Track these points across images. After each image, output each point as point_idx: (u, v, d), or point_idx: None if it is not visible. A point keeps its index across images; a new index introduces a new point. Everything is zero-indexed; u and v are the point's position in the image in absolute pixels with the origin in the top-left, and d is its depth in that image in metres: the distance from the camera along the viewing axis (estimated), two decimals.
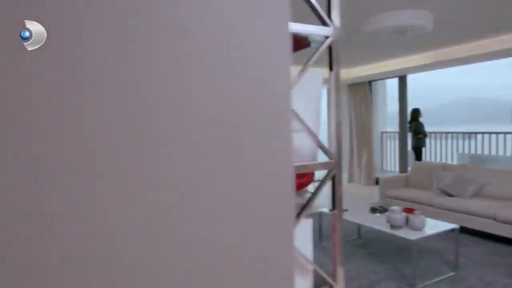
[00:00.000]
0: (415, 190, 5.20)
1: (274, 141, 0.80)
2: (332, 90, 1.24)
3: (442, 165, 5.23)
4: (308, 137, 1.20)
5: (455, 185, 4.70)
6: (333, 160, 1.22)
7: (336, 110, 1.25)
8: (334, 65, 1.22)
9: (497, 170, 4.68)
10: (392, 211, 3.26)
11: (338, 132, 1.25)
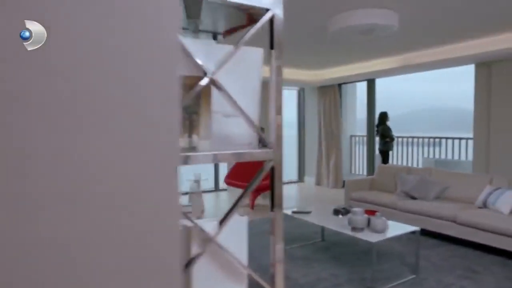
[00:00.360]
0: (380, 192, 5.19)
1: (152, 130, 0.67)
2: (273, 72, 1.10)
3: (407, 169, 5.25)
4: (245, 123, 1.06)
5: (418, 188, 4.71)
6: (272, 150, 1.08)
7: (277, 96, 1.12)
8: (275, 44, 1.08)
9: (458, 174, 4.73)
10: (354, 212, 3.18)
11: (279, 120, 1.11)
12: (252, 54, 1.09)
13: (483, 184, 4.29)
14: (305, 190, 8.29)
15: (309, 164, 8.95)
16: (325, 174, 8.39)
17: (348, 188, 5.35)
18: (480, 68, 5.63)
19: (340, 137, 8.19)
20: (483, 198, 4.11)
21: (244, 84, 1.10)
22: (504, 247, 3.58)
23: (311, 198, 7.33)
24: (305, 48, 5.54)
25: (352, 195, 5.24)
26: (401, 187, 4.95)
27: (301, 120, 9.18)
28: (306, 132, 9.08)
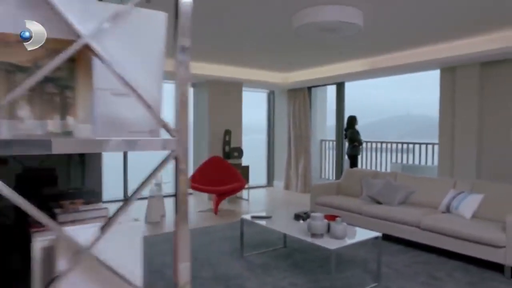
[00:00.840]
0: (346, 197, 5.07)
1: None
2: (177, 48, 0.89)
3: (373, 173, 5.16)
4: (141, 105, 0.83)
5: (384, 193, 4.61)
6: (176, 138, 0.86)
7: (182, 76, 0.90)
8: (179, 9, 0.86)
9: (423, 179, 4.67)
10: (313, 218, 3.00)
11: (184, 105, 0.89)
12: (152, 19, 0.87)
13: (447, 188, 4.23)
14: (273, 194, 8.11)
15: (278, 169, 8.80)
16: (294, 179, 8.25)
17: (313, 192, 5.20)
18: (445, 73, 5.65)
19: (309, 141, 8.08)
20: (447, 203, 4.05)
21: (142, 57, 0.87)
22: (466, 252, 3.50)
23: (279, 202, 7.15)
24: (272, 48, 5.38)
25: (318, 199, 5.09)
26: (367, 191, 4.84)
27: (270, 124, 9.02)
28: (276, 136, 8.93)
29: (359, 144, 6.99)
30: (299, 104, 8.13)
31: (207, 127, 7.19)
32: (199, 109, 7.50)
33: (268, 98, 9.02)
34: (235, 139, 7.33)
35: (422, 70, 5.99)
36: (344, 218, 4.74)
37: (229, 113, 7.39)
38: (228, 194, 6.00)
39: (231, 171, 6.18)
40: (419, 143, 7.55)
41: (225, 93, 7.33)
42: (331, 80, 7.29)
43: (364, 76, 6.78)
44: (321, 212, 5.04)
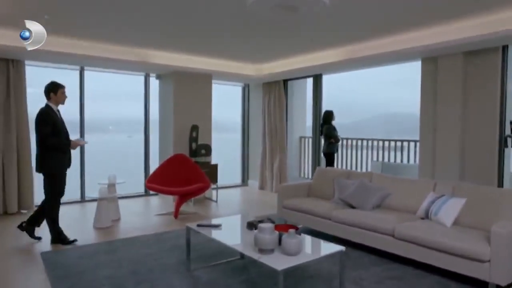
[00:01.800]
0: (317, 199, 4.56)
1: None
2: None
3: (347, 173, 4.65)
4: None
5: (356, 196, 4.11)
6: None
7: None
8: None
9: (400, 180, 4.18)
10: (261, 230, 2.47)
11: None
12: None
13: (427, 191, 3.75)
14: (246, 195, 7.57)
15: (253, 167, 8.26)
16: (269, 178, 7.73)
17: (281, 194, 4.67)
18: (426, 64, 5.17)
19: (284, 138, 7.56)
20: (425, 207, 3.56)
21: None
22: (446, 266, 3.01)
23: (250, 204, 6.61)
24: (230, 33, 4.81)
25: (285, 202, 4.57)
26: (339, 193, 4.33)
27: (245, 119, 8.47)
28: (251, 133, 8.39)
29: (335, 141, 6.48)
30: (274, 98, 7.60)
31: (172, 122, 6.60)
32: (164, 103, 6.91)
33: (243, 92, 8.47)
34: (204, 135, 6.77)
35: (402, 60, 5.49)
36: (312, 224, 4.25)
37: (197, 107, 6.81)
38: (190, 195, 5.45)
39: (195, 171, 5.62)
40: (401, 140, 7.10)
41: (193, 86, 6.75)
42: (307, 72, 6.77)
43: (342, 68, 6.26)
44: (288, 217, 4.55)
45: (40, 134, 3.70)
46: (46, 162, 3.76)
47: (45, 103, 3.87)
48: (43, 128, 3.70)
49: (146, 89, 7.01)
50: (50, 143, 3.73)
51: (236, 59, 6.61)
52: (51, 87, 3.86)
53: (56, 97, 3.86)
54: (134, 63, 5.93)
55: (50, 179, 3.82)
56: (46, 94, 3.86)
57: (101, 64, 5.95)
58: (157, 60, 6.10)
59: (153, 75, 6.97)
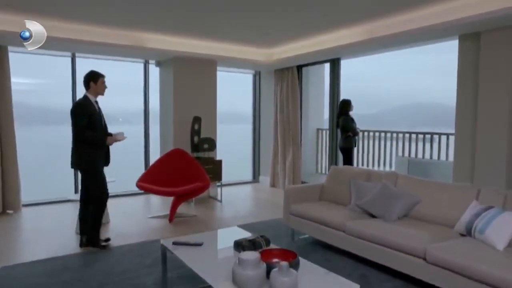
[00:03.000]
0: (330, 205, 3.84)
1: None
2: None
3: (366, 173, 3.90)
4: None
5: (378, 202, 3.37)
6: None
7: None
8: None
9: (432, 184, 3.39)
10: (242, 263, 1.79)
11: None
12: None
13: (468, 200, 2.96)
14: (256, 193, 6.90)
15: (265, 162, 7.58)
16: (281, 174, 7.03)
17: (288, 198, 3.98)
18: (465, 42, 4.30)
19: (298, 131, 6.82)
20: (467, 221, 2.78)
21: None
22: None
23: (259, 205, 5.94)
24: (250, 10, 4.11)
25: (292, 207, 3.87)
26: (356, 198, 3.60)
27: (256, 110, 7.77)
28: (262, 124, 7.69)
29: (353, 134, 5.66)
30: (287, 86, 6.85)
31: (171, 114, 5.99)
32: (165, 92, 6.29)
33: (254, 80, 7.76)
34: (207, 128, 6.13)
35: (435, 39, 4.63)
36: (323, 235, 3.54)
37: (200, 97, 6.17)
38: (187, 196, 4.84)
39: (195, 167, 4.99)
40: (430, 133, 6.21)
41: (195, 73, 6.10)
42: (323, 56, 5.99)
43: (363, 50, 5.45)
44: (295, 225, 3.85)
45: (75, 126, 3.49)
46: (81, 158, 3.55)
47: (84, 94, 3.62)
48: (78, 121, 3.47)
49: (145, 78, 6.41)
50: (85, 137, 3.48)
51: (243, 42, 5.90)
52: (90, 75, 3.60)
53: (96, 86, 3.60)
54: (130, 48, 5.32)
55: (86, 176, 3.64)
56: (85, 83, 3.61)
57: (94, 49, 5.37)
58: (156, 45, 5.47)
59: (152, 62, 6.37)
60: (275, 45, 6.12)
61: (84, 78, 3.61)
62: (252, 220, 4.76)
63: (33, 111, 10.58)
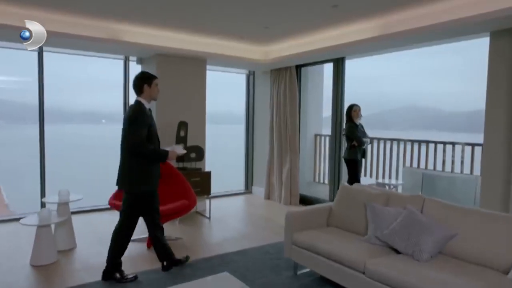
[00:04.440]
0: (341, 234, 3.17)
1: None
2: None
3: (385, 195, 3.23)
4: None
5: (404, 234, 2.72)
6: None
7: None
8: None
9: (470, 212, 2.74)
10: None
11: None
12: None
13: None
14: (249, 207, 6.22)
15: (259, 171, 6.90)
16: (277, 186, 6.35)
17: (289, 225, 3.29)
18: (498, 39, 3.69)
19: (297, 137, 6.16)
20: None
21: None
22: None
23: (253, 222, 5.24)
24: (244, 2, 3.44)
25: (296, 236, 3.19)
26: (375, 228, 2.94)
27: (249, 113, 7.08)
28: (256, 130, 7.00)
29: (358, 143, 4.94)
30: (284, 88, 6.18)
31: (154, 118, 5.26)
32: None
33: (248, 81, 7.07)
34: (195, 134, 5.43)
35: (462, 35, 4.00)
36: (335, 274, 2.82)
37: (186, 100, 5.46)
38: (169, 217, 4.12)
39: (179, 182, 4.29)
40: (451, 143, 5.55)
41: (182, 72, 5.39)
42: (326, 55, 5.33)
43: (372, 48, 4.80)
44: (300, 258, 3.14)
45: (134, 138, 2.89)
46: (139, 176, 2.98)
47: (136, 100, 3.07)
48: (138, 132, 2.90)
49: (125, 77, 5.68)
50: (145, 151, 2.93)
51: (237, 38, 5.21)
52: (144, 77, 3.09)
53: (150, 90, 3.09)
54: (107, 43, 4.60)
55: (142, 200, 3.07)
56: (137, 87, 3.07)
57: (64, 43, 4.63)
58: (136, 39, 4.76)
59: (133, 59, 5.64)
60: (273, 42, 5.44)
61: (136, 81, 3.08)
62: (246, 244, 4.07)
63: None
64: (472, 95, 3.99)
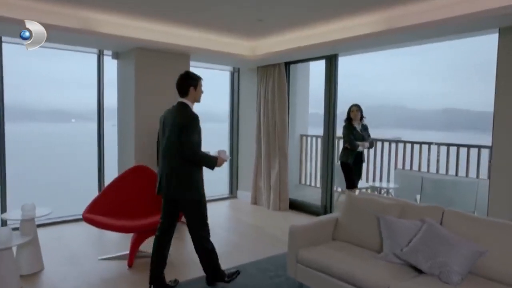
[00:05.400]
0: (352, 250, 2.83)
1: None
2: None
3: (399, 205, 2.92)
4: None
5: (426, 252, 2.42)
6: None
7: None
8: None
9: (498, 225, 2.48)
10: None
11: None
12: None
13: None
14: (235, 213, 5.82)
15: (244, 174, 6.51)
16: (265, 190, 5.99)
17: (294, 241, 2.92)
18: (507, 36, 3.47)
19: (286, 139, 5.82)
20: None
21: None
22: None
23: (241, 232, 4.83)
24: None
25: (301, 254, 2.83)
26: (391, 245, 2.63)
27: (234, 113, 6.68)
28: (242, 129, 6.61)
29: (350, 147, 4.68)
30: (272, 86, 5.81)
31: (132, 119, 4.77)
32: (124, 92, 5.06)
33: (232, 78, 6.66)
34: None
35: (468, 31, 3.76)
36: None
37: (169, 99, 4.98)
38: (152, 232, 3.65)
39: None
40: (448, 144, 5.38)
41: (163, 68, 4.92)
42: (318, 52, 5.01)
43: (373, 44, 4.51)
44: (307, 279, 2.77)
45: (190, 143, 2.73)
46: (192, 184, 2.82)
47: (181, 102, 2.88)
48: (192, 137, 2.75)
49: (99, 73, 5.13)
50: (202, 158, 2.83)
51: (225, 31, 4.79)
52: (191, 78, 2.89)
53: (196, 92, 2.91)
54: (78, 33, 4.06)
55: (194, 209, 2.88)
56: (182, 88, 2.88)
57: None
58: (112, 30, 4.26)
59: (108, 54, 5.10)
60: (263, 36, 5.06)
61: (181, 82, 2.87)
62: (240, 259, 3.68)
63: None
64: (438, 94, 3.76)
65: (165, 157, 2.83)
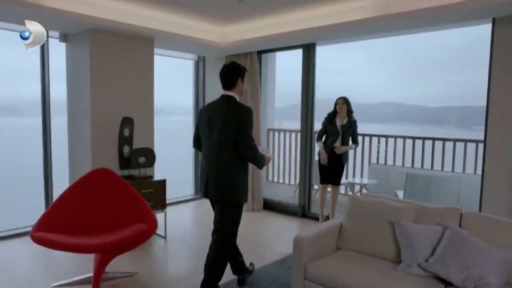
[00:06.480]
0: (365, 260, 2.51)
1: None
2: None
3: (412, 209, 2.64)
4: None
5: (455, 261, 2.17)
6: None
7: None
8: None
9: None
10: None
11: None
12: None
13: None
14: (207, 217, 5.31)
15: None
16: None
17: (299, 254, 2.52)
18: (502, 26, 3.35)
19: (259, 134, 5.41)
20: None
21: None
22: None
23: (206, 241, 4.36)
24: None
25: (310, 270, 2.45)
26: (412, 254, 2.34)
27: (199, 107, 6.13)
28: None
29: (328, 146, 4.38)
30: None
31: (88, 114, 4.06)
32: (75, 82, 4.31)
33: (197, 68, 6.08)
34: (142, 133, 4.35)
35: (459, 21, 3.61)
36: None
37: (130, 90, 4.35)
38: (122, 250, 3.05)
39: (130, 199, 3.24)
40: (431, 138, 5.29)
41: (124, 54, 4.25)
42: (295, 40, 4.64)
43: (355, 32, 4.23)
44: None
45: (250, 142, 2.51)
46: (239, 185, 2.60)
47: (227, 95, 2.59)
48: (249, 133, 2.52)
49: (42, 58, 4.32)
50: (258, 155, 2.59)
51: (194, 13, 4.23)
52: (240, 70, 2.61)
53: (242, 85, 2.66)
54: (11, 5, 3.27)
55: (235, 210, 2.69)
56: (229, 81, 2.57)
57: None
58: (59, 5, 3.51)
59: (55, 36, 4.30)
60: (237, 21, 4.57)
61: (228, 74, 2.57)
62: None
63: None
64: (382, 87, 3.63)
65: (215, 156, 2.55)
